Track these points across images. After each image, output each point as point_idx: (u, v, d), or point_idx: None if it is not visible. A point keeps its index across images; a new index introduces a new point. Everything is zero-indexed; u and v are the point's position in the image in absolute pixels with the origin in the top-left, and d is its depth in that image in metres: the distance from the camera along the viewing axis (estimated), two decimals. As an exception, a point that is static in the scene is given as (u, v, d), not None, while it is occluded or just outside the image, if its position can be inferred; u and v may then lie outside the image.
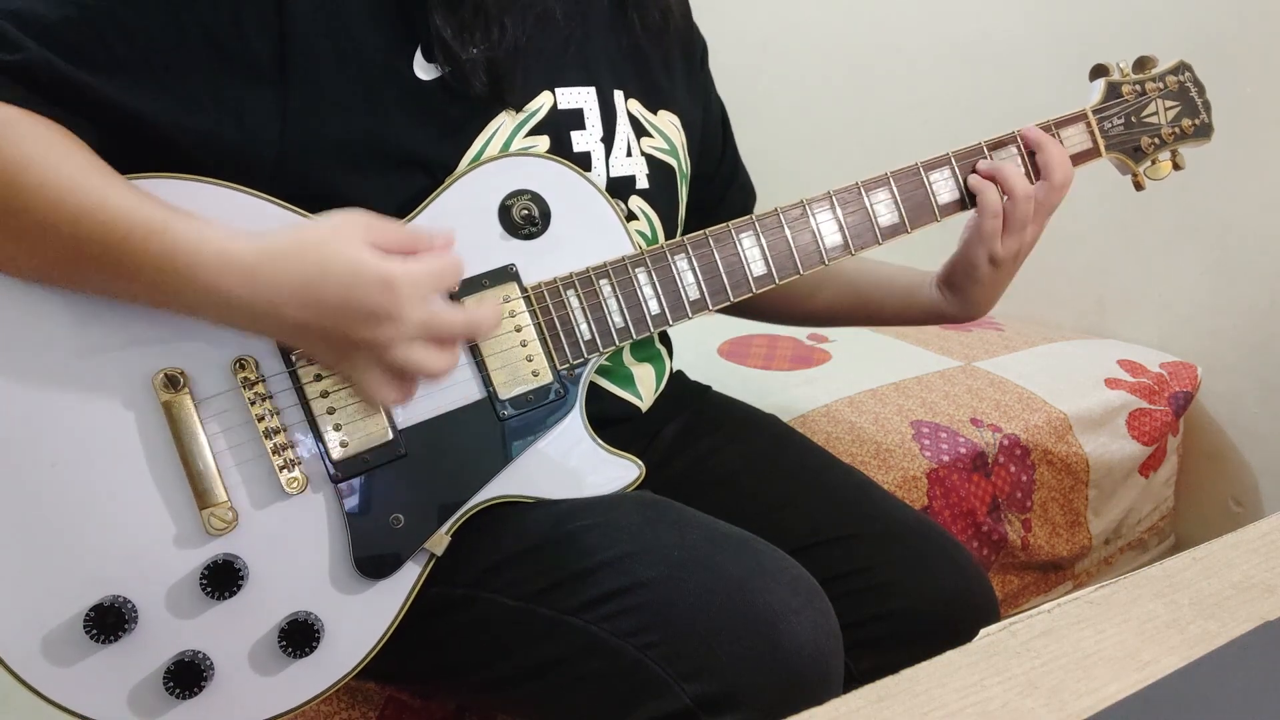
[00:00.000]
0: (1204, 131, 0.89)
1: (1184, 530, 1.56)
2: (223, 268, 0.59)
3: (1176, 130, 0.88)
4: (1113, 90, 0.87)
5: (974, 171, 0.82)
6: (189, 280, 0.59)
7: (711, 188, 0.97)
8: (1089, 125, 0.86)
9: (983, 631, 0.47)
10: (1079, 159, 0.86)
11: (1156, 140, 0.88)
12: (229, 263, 0.59)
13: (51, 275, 0.61)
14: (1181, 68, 0.89)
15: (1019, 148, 0.84)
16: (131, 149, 0.64)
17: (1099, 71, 0.88)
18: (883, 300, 0.97)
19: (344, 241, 0.60)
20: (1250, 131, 1.32)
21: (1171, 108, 0.88)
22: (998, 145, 0.84)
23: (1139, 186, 0.89)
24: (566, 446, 0.73)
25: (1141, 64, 0.89)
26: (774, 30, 2.20)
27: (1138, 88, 0.88)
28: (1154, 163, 0.89)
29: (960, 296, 0.89)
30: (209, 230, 0.60)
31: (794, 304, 0.99)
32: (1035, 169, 0.83)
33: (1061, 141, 0.85)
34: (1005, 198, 0.81)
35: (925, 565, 0.80)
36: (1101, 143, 0.87)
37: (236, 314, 0.61)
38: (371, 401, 0.66)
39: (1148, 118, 0.88)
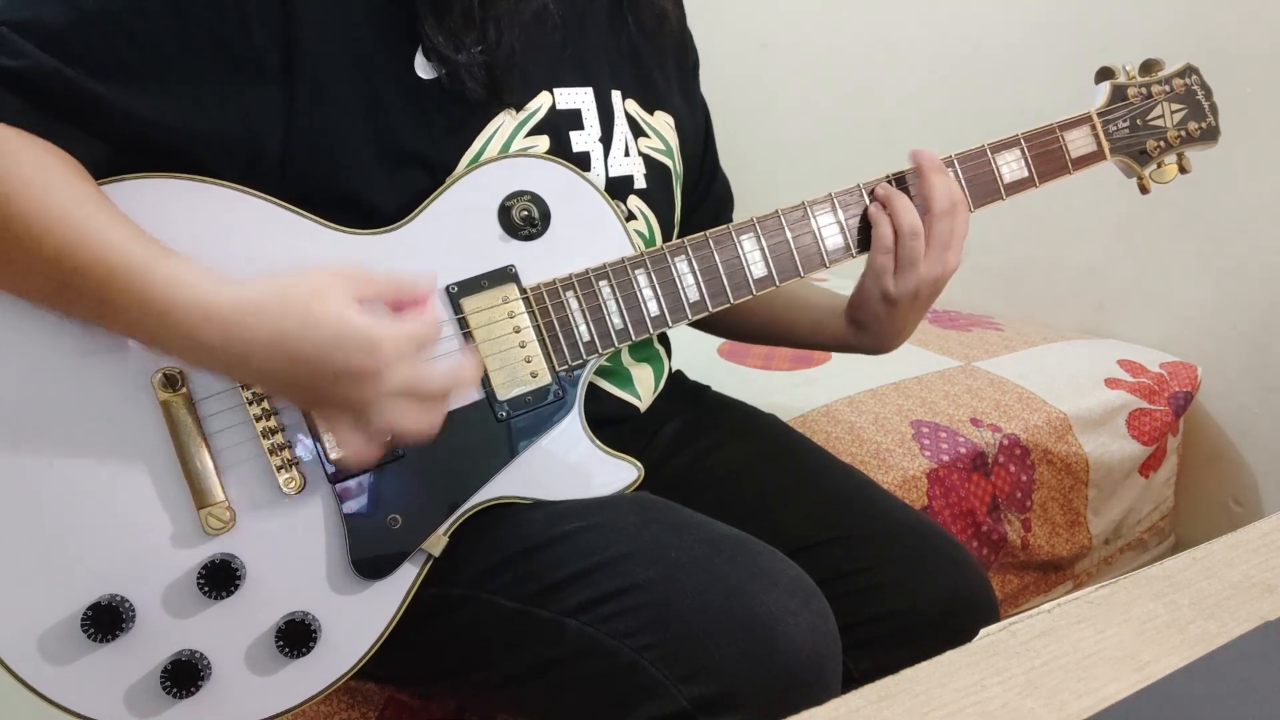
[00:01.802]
0: (1210, 135, 0.89)
1: (1184, 530, 1.56)
2: (198, 319, 0.58)
3: (1183, 133, 0.88)
4: (1118, 93, 0.87)
5: (874, 198, 0.79)
6: (165, 326, 0.58)
7: (692, 194, 0.97)
8: (1094, 128, 0.86)
9: (983, 631, 0.47)
10: (1083, 162, 0.86)
11: (1162, 143, 0.88)
12: (205, 315, 0.58)
13: (38, 301, 0.61)
14: (1188, 70, 0.89)
15: (956, 170, 0.81)
16: (137, 151, 0.64)
17: (1104, 74, 0.88)
18: (793, 321, 0.94)
19: (329, 296, 0.58)
20: (1250, 132, 1.32)
21: (1178, 111, 0.88)
22: (900, 179, 0.81)
23: (1144, 190, 0.89)
24: (565, 447, 0.73)
25: (1148, 67, 0.88)
26: (774, 30, 2.20)
27: (1143, 90, 0.87)
28: (1160, 166, 0.88)
29: (864, 332, 0.86)
30: (190, 276, 0.58)
31: (732, 320, 0.96)
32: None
33: (1066, 144, 0.84)
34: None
35: (925, 565, 0.80)
36: (1106, 146, 0.86)
37: (210, 362, 0.61)
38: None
39: (1153, 121, 0.87)
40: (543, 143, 0.76)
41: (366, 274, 0.61)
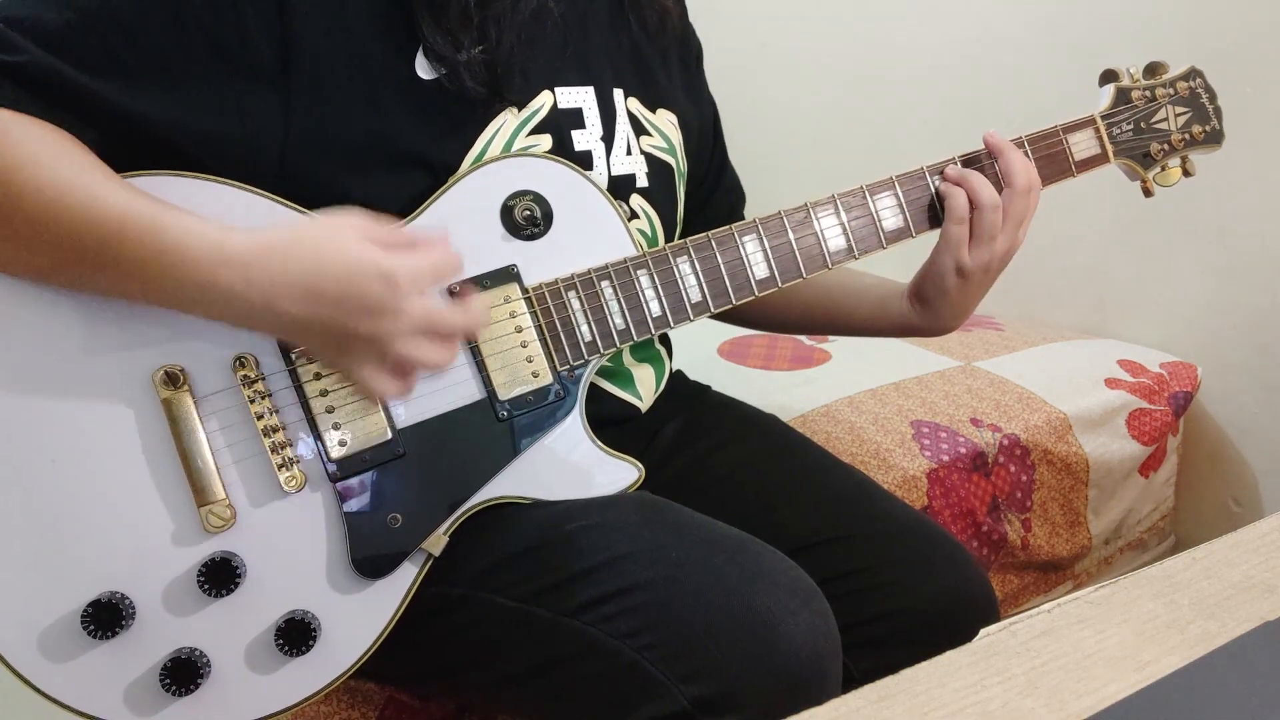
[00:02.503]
0: (1215, 138, 0.89)
1: (1184, 530, 1.56)
2: (217, 262, 0.59)
3: (1187, 137, 0.88)
4: (1122, 96, 0.87)
5: (943, 177, 0.81)
6: (183, 275, 0.59)
7: (701, 190, 0.97)
8: (1097, 131, 0.86)
9: (983, 631, 0.47)
10: (1087, 165, 0.85)
11: (1166, 146, 0.88)
12: (224, 257, 0.59)
13: (49, 275, 0.61)
14: (1193, 74, 0.89)
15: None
16: (135, 151, 0.64)
17: (1108, 77, 0.88)
18: (854, 309, 0.94)
19: (342, 236, 0.60)
20: (1250, 132, 1.32)
21: (1182, 114, 0.88)
22: (971, 160, 0.82)
23: (1148, 193, 0.88)
24: (566, 447, 0.73)
25: (1152, 70, 0.88)
26: (773, 30, 2.20)
27: (1148, 93, 0.87)
28: (1163, 169, 0.88)
29: (929, 309, 0.87)
30: (203, 225, 0.60)
31: (769, 311, 0.97)
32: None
33: (1069, 146, 0.84)
34: (973, 208, 0.79)
35: (925, 565, 0.80)
36: (1110, 149, 0.86)
37: (231, 309, 0.61)
38: (370, 395, 0.66)
39: (1157, 124, 0.87)
40: (544, 142, 0.76)
41: (379, 218, 0.63)
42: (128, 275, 0.60)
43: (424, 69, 0.71)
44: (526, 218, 0.72)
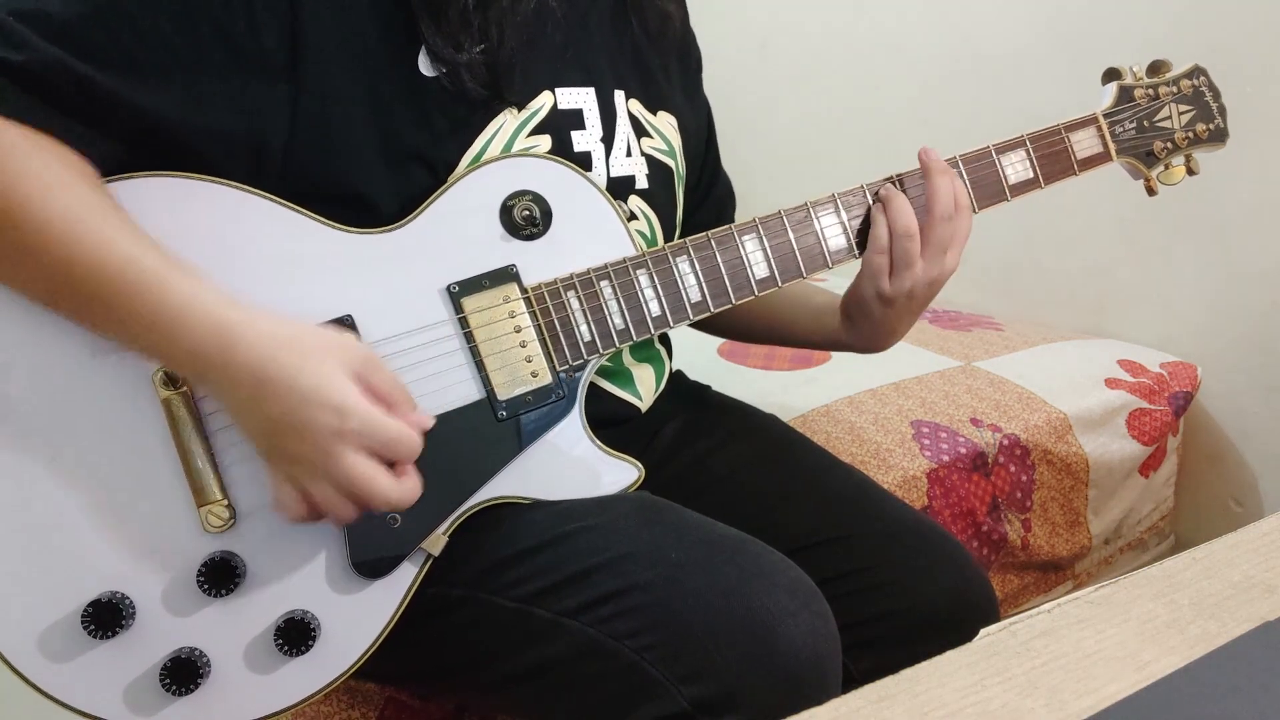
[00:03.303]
0: (1218, 136, 0.89)
1: (1184, 530, 1.56)
2: (208, 332, 0.58)
3: (1190, 135, 0.87)
4: (1125, 94, 0.87)
5: (877, 199, 0.79)
6: (170, 341, 0.58)
7: (694, 195, 0.97)
8: (1100, 129, 0.85)
9: (983, 631, 0.47)
10: (1089, 163, 0.85)
11: (1169, 145, 0.87)
12: (216, 328, 0.58)
13: (42, 302, 0.61)
14: (1196, 72, 0.88)
15: (959, 170, 0.81)
16: (141, 145, 0.64)
17: (1111, 75, 0.87)
18: (793, 321, 0.94)
19: (329, 359, 0.58)
20: (1250, 132, 1.32)
21: (1185, 112, 0.88)
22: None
23: (1151, 192, 0.88)
24: (565, 448, 0.73)
25: (1155, 68, 0.88)
26: (773, 30, 2.20)
27: (1151, 92, 0.87)
28: (1167, 168, 0.88)
29: (856, 330, 0.86)
30: (206, 291, 0.59)
31: (721, 318, 0.93)
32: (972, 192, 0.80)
33: (1071, 145, 0.84)
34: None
35: (925, 565, 0.80)
36: (1113, 147, 0.86)
37: (201, 377, 0.61)
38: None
39: (1161, 122, 0.87)
40: (544, 142, 0.76)
41: (379, 364, 0.61)
42: (117, 323, 0.60)
43: (426, 67, 0.71)
44: (526, 218, 0.72)
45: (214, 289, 0.59)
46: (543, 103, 0.76)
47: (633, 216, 0.82)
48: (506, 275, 0.72)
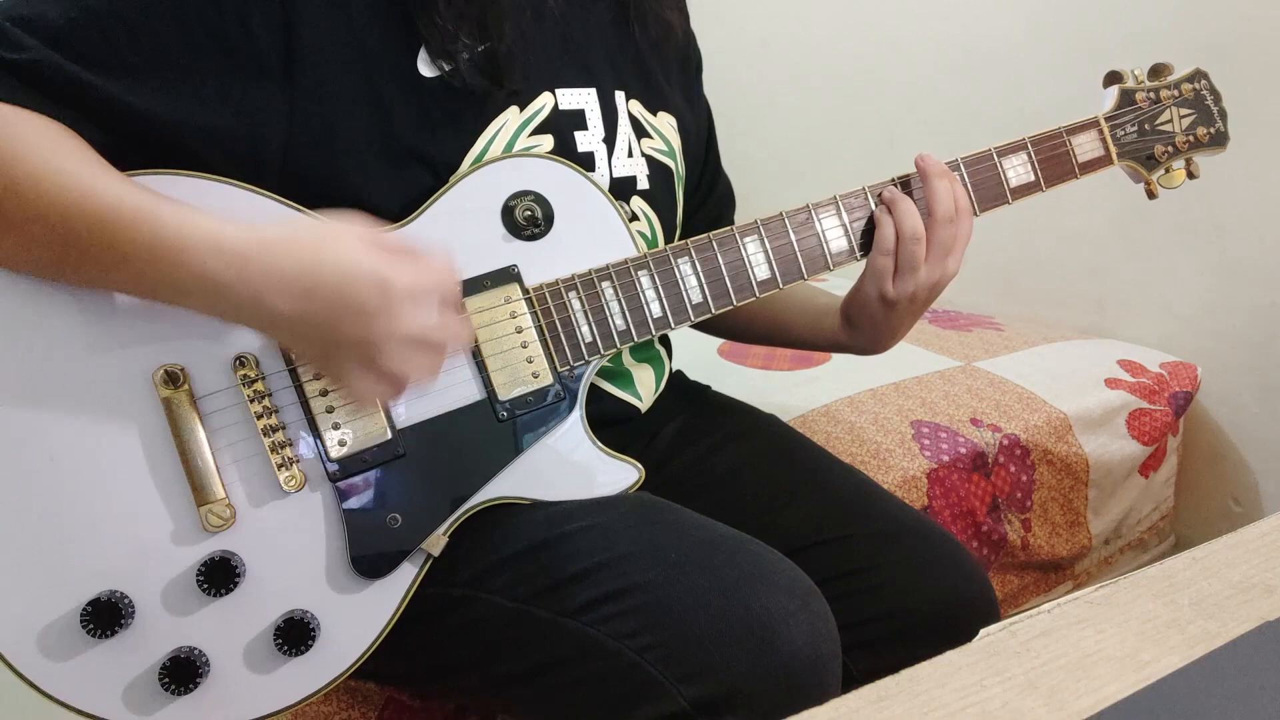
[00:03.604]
0: (1219, 140, 0.89)
1: (1184, 530, 1.56)
2: (211, 253, 0.58)
3: (1191, 138, 0.87)
4: (1126, 97, 0.87)
5: (880, 201, 0.79)
6: (176, 265, 0.58)
7: (695, 196, 0.97)
8: (1101, 133, 0.85)
9: (983, 631, 0.47)
10: (1090, 167, 0.85)
11: (1170, 149, 0.87)
12: (218, 248, 0.58)
13: (45, 268, 0.61)
14: (1197, 75, 0.88)
15: (960, 173, 0.81)
16: (139, 148, 0.64)
17: (1112, 78, 0.87)
18: (792, 322, 0.94)
19: (343, 237, 0.59)
20: (1250, 133, 1.32)
21: (1186, 116, 0.88)
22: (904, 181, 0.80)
23: (1152, 195, 0.88)
24: (566, 448, 0.73)
25: (1156, 71, 0.88)
26: (774, 30, 2.20)
27: (1152, 95, 0.87)
28: (1168, 171, 0.88)
29: (857, 332, 0.86)
30: (198, 217, 0.59)
31: (721, 319, 0.93)
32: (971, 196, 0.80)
33: (1073, 148, 0.84)
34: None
35: (925, 565, 0.80)
36: (1114, 150, 0.86)
37: (223, 302, 0.60)
38: (360, 398, 0.65)
39: (1162, 125, 0.87)
40: (546, 142, 0.76)
41: (381, 225, 0.62)
42: (120, 266, 0.59)
43: (426, 67, 0.71)
44: (527, 218, 0.72)
45: (205, 212, 0.59)
46: (543, 103, 0.76)
47: (634, 217, 0.82)
48: (508, 275, 0.72)
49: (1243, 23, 1.33)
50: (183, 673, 0.62)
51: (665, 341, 0.94)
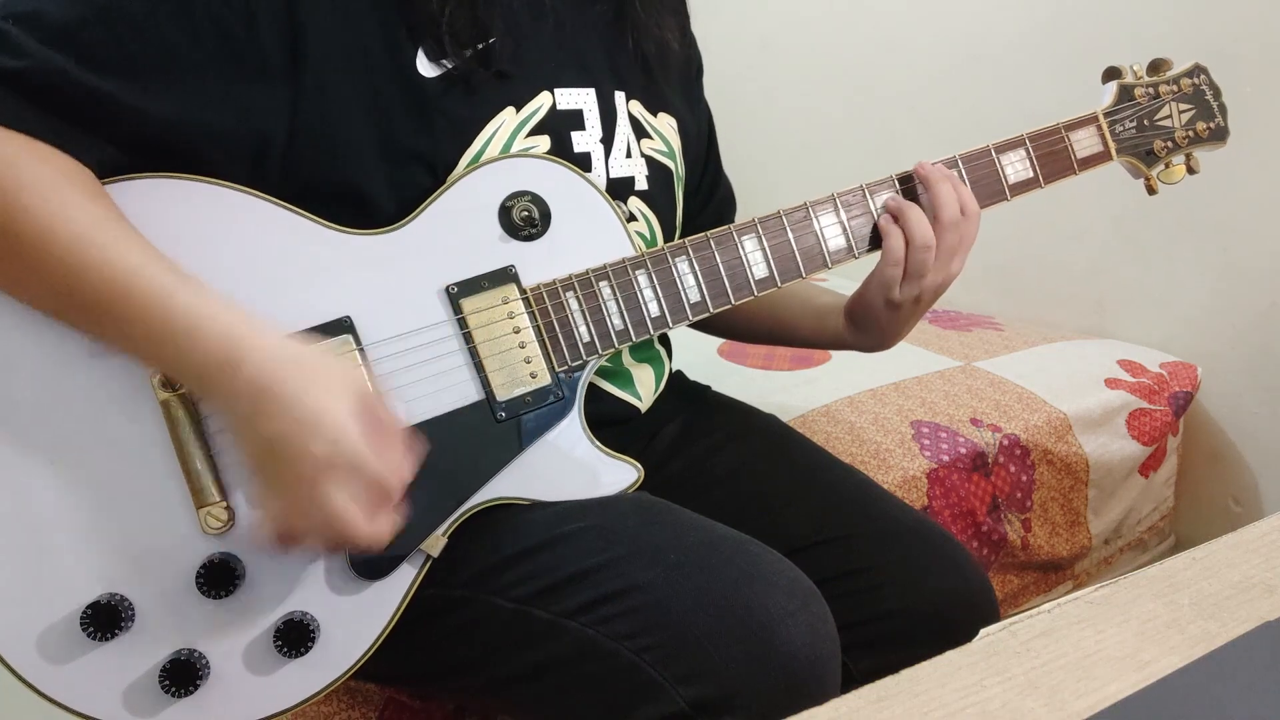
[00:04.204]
0: (1219, 135, 0.89)
1: (1184, 530, 1.56)
2: (212, 352, 0.57)
3: (1191, 134, 0.87)
4: (1125, 93, 0.86)
5: (885, 209, 0.79)
6: (175, 351, 0.58)
7: (695, 198, 0.97)
8: (1100, 128, 0.85)
9: (983, 631, 0.47)
10: (1089, 162, 0.85)
11: (1170, 144, 0.87)
12: (227, 352, 0.57)
13: (45, 313, 0.61)
14: (1196, 70, 0.88)
15: (960, 171, 0.81)
16: (142, 150, 0.63)
17: (1111, 74, 0.87)
18: (796, 321, 0.94)
19: (332, 387, 0.58)
20: (1250, 132, 1.32)
21: (1186, 111, 0.87)
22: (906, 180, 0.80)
23: (1151, 191, 0.88)
24: (565, 449, 0.73)
25: (1155, 67, 0.88)
26: (773, 30, 2.20)
27: (1151, 90, 0.87)
28: (1167, 166, 0.88)
29: (861, 332, 0.87)
30: (210, 308, 0.58)
31: (721, 318, 0.94)
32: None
33: (1071, 144, 0.84)
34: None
35: (925, 565, 0.79)
36: (1113, 146, 0.86)
37: (201, 388, 0.60)
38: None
39: (1161, 121, 0.87)
40: (543, 143, 0.76)
41: (379, 397, 0.61)
42: (125, 336, 0.59)
43: (425, 67, 0.71)
44: (525, 218, 0.72)
45: (220, 301, 0.59)
46: (541, 103, 0.76)
47: (632, 217, 0.82)
48: (505, 276, 0.72)
49: (1243, 23, 1.33)
50: (183, 675, 0.62)
51: (665, 341, 0.94)
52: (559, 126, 0.77)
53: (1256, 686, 0.43)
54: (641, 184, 0.83)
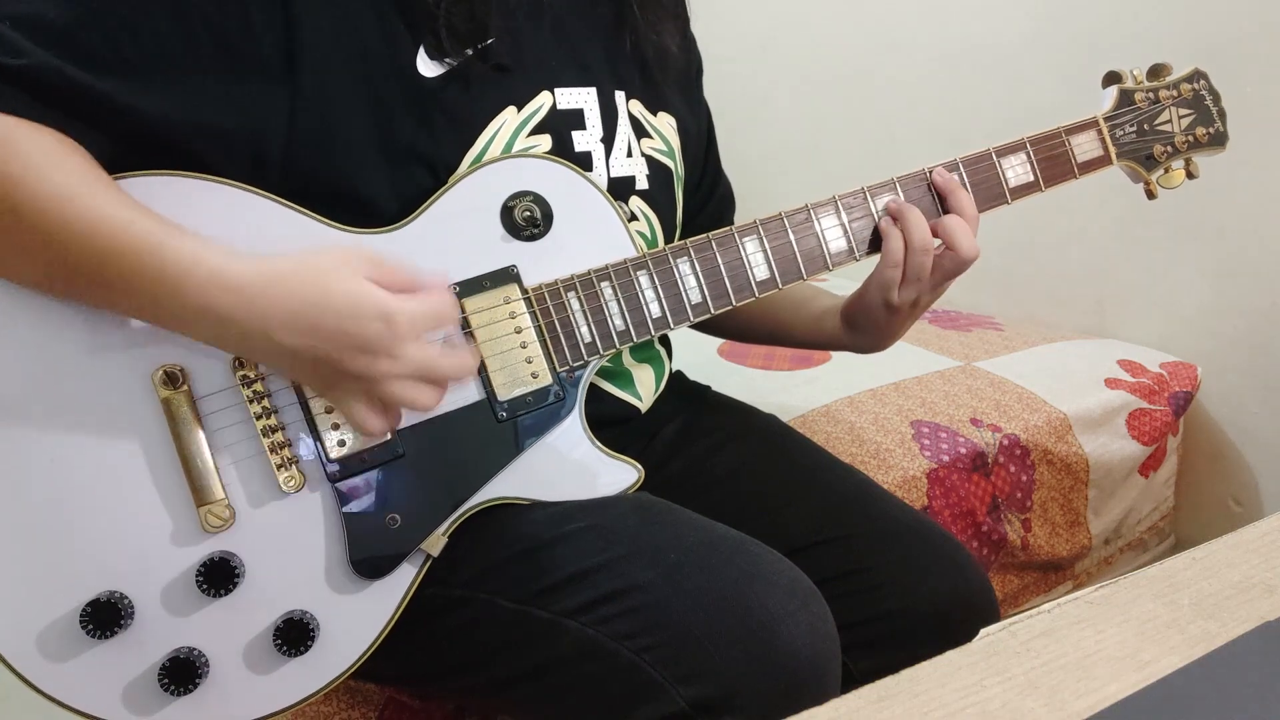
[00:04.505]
0: (1219, 140, 0.89)
1: (1184, 530, 1.56)
2: (217, 288, 0.58)
3: (1190, 138, 0.87)
4: (1125, 97, 0.87)
5: (885, 212, 0.79)
6: (182, 298, 0.58)
7: (695, 198, 0.97)
8: (1100, 132, 0.85)
9: (983, 631, 0.47)
10: (1090, 167, 0.85)
11: (1170, 148, 0.87)
12: (224, 283, 0.58)
13: (47, 287, 0.61)
14: (1196, 75, 0.88)
15: (961, 174, 0.81)
16: (139, 148, 0.63)
17: (1112, 79, 0.87)
18: (792, 322, 0.95)
19: (347, 272, 0.59)
20: (1250, 132, 1.32)
21: (1186, 116, 0.88)
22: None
23: (1151, 196, 0.88)
24: (565, 449, 0.73)
25: (1155, 71, 0.88)
26: (774, 31, 2.20)
27: (1151, 95, 0.87)
28: (1167, 171, 0.88)
29: (858, 334, 0.88)
30: (205, 249, 0.59)
31: (718, 319, 0.93)
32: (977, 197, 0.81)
33: (1072, 148, 0.84)
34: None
35: (925, 565, 0.79)
36: (1113, 150, 0.86)
37: (228, 334, 0.60)
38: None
39: (1161, 125, 0.87)
40: (544, 142, 0.76)
41: (381, 259, 0.62)
42: (126, 293, 0.59)
43: (426, 67, 0.71)
44: (526, 218, 0.72)
45: (211, 244, 0.59)
46: (541, 103, 0.76)
47: (633, 217, 0.82)
48: (507, 276, 0.72)
49: (1243, 23, 1.33)
50: (182, 673, 0.62)
51: (665, 342, 0.94)
52: (560, 126, 0.77)
53: (1256, 686, 0.43)
54: (642, 183, 0.83)
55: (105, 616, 0.60)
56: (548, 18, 0.78)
